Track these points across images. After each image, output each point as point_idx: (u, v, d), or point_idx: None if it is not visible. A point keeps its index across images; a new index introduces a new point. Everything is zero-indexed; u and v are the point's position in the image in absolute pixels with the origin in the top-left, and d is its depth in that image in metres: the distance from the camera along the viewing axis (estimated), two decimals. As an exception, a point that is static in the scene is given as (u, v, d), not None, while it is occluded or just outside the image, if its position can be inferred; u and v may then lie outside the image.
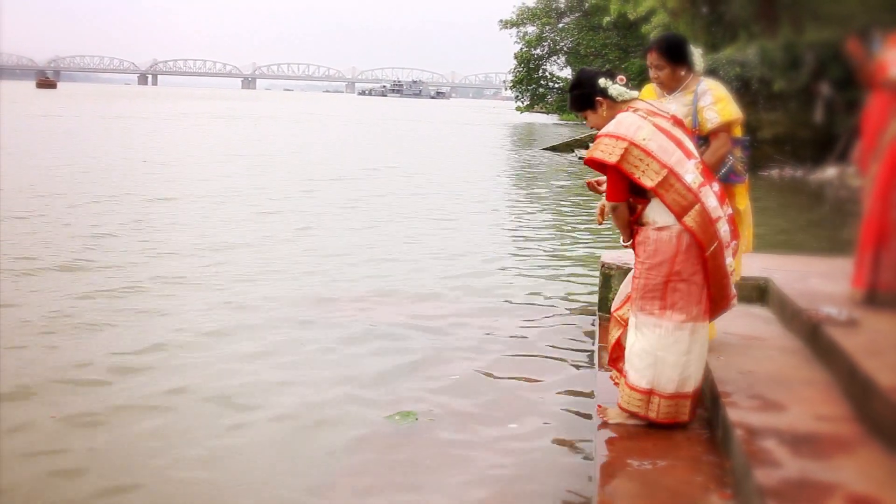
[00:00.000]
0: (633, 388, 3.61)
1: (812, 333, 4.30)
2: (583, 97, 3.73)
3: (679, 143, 3.55)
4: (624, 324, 3.76)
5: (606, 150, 3.49)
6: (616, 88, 3.64)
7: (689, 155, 3.55)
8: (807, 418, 3.41)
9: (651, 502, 3.02)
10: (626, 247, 3.73)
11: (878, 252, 4.56)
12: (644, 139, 3.46)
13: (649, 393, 3.58)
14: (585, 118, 3.78)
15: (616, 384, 3.88)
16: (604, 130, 3.57)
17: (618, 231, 3.75)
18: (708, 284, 3.55)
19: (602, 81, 3.66)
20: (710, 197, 3.52)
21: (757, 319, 5.05)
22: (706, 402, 3.99)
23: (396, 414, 4.32)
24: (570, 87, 3.84)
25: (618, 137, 3.49)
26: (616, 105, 3.63)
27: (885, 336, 4.00)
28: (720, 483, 3.15)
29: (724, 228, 3.56)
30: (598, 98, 3.66)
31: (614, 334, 3.81)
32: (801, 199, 15.82)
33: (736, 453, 3.20)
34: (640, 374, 3.58)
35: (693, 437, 3.61)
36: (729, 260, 3.61)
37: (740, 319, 4.98)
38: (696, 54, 4.28)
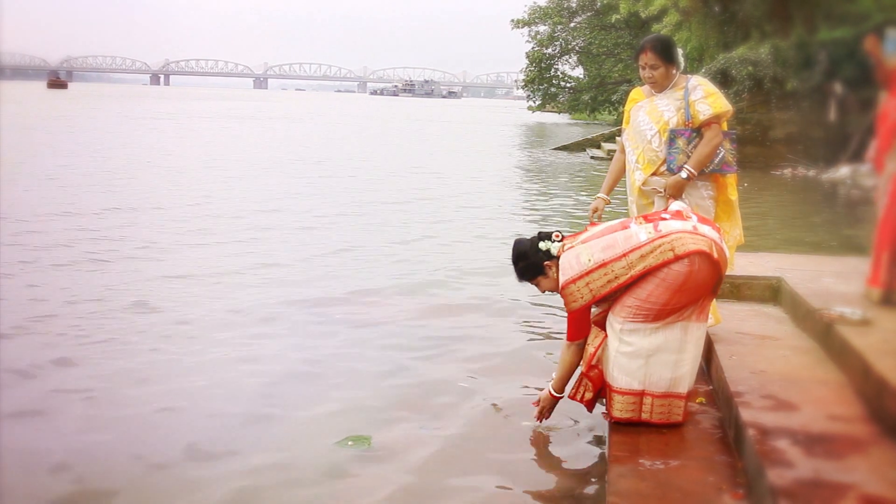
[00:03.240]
0: (624, 392, 3.62)
1: (825, 333, 4.28)
2: (530, 267, 3.85)
3: (612, 229, 3.69)
4: (602, 328, 3.76)
5: (578, 296, 3.63)
6: (555, 246, 3.79)
7: (625, 226, 3.69)
8: (820, 418, 3.40)
9: (663, 502, 3.01)
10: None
11: (893, 251, 4.53)
12: (589, 260, 3.59)
13: (641, 394, 3.60)
14: (537, 284, 3.88)
15: (572, 398, 3.89)
16: (562, 283, 3.67)
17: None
18: (715, 286, 3.59)
19: (543, 245, 3.81)
20: (671, 224, 3.62)
21: (770, 319, 5.03)
22: (718, 402, 3.98)
23: (349, 439, 4.06)
24: (515, 261, 3.92)
25: (574, 280, 3.61)
26: (558, 261, 3.75)
27: (899, 336, 3.97)
28: (732, 483, 3.14)
29: (705, 229, 3.63)
30: (546, 263, 3.79)
31: (594, 343, 3.76)
32: (814, 198, 15.73)
33: (748, 453, 3.19)
34: (632, 377, 3.60)
35: (705, 436, 3.60)
36: (736, 234, 3.65)
37: (753, 319, 4.97)
38: (681, 54, 4.55)
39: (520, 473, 3.74)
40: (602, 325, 3.76)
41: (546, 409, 4.07)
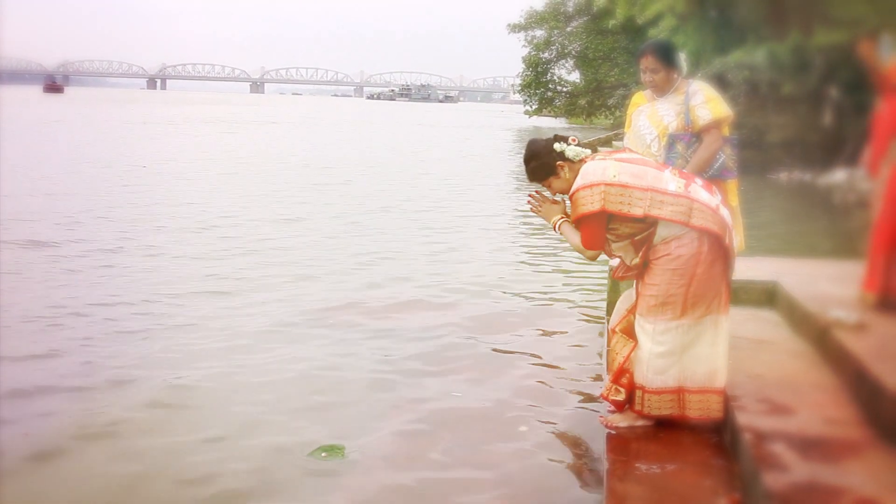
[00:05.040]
0: (660, 392, 3.60)
1: (821, 337, 4.29)
2: (542, 166, 3.79)
3: (647, 164, 3.67)
4: (630, 336, 3.74)
5: (587, 202, 3.57)
6: (573, 150, 3.74)
7: (660, 168, 3.67)
8: (815, 422, 3.40)
9: (659, 506, 3.01)
10: (631, 275, 3.73)
11: (889, 255, 4.55)
12: (614, 176, 3.55)
13: (679, 391, 3.58)
14: (549, 186, 3.82)
15: (609, 400, 3.83)
16: (575, 186, 3.63)
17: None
18: (725, 273, 3.57)
19: (558, 146, 3.75)
20: (700, 191, 3.60)
21: (766, 323, 5.03)
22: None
23: (322, 449, 3.95)
24: (527, 160, 3.85)
25: (591, 185, 3.56)
26: (575, 166, 3.71)
27: (894, 340, 3.98)
28: (729, 487, 3.14)
29: (725, 213, 3.63)
30: (559, 163, 3.73)
31: (623, 352, 3.74)
32: (810, 202, 15.75)
33: (744, 457, 3.19)
34: (667, 375, 3.58)
35: (701, 440, 3.61)
36: (736, 241, 3.66)
37: (749, 323, 4.97)
38: (682, 59, 4.54)
39: (516, 479, 3.74)
40: (629, 332, 3.74)
41: (543, 210, 3.88)
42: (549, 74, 53.41)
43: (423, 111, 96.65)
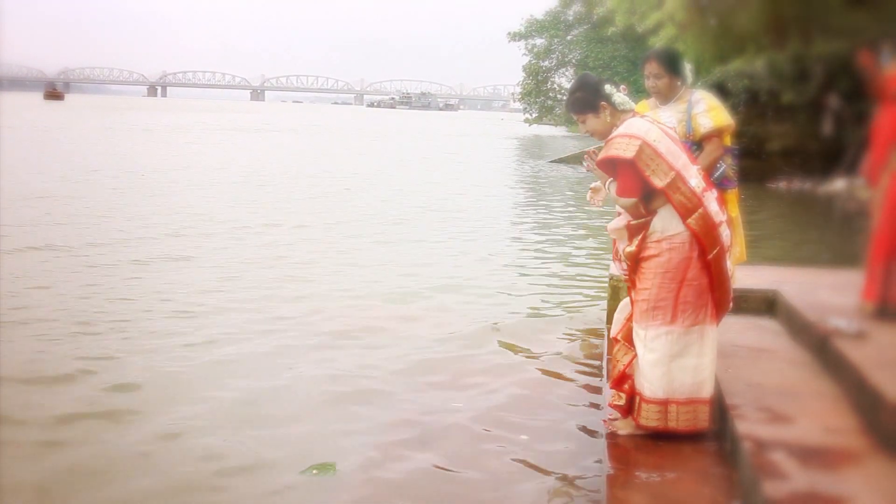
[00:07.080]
0: (649, 402, 3.60)
1: (821, 346, 4.29)
2: (585, 99, 3.74)
3: (683, 149, 3.67)
4: (631, 345, 3.74)
5: (621, 147, 3.55)
6: (620, 96, 3.71)
7: (692, 160, 3.68)
8: (815, 431, 3.41)
9: (659, 514, 3.01)
10: (624, 262, 3.73)
11: (888, 264, 4.55)
12: (654, 140, 3.54)
13: (665, 402, 3.58)
14: (583, 122, 3.77)
15: (612, 406, 3.83)
16: (616, 132, 3.62)
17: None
18: (712, 288, 3.58)
19: (608, 88, 3.72)
20: (712, 202, 3.60)
21: (765, 332, 5.04)
22: (714, 415, 3.98)
23: (313, 467, 3.85)
24: (573, 90, 3.82)
25: (631, 136, 3.55)
26: (617, 113, 3.68)
27: (894, 349, 3.98)
28: (728, 495, 3.14)
29: (725, 233, 3.63)
30: (602, 103, 3.69)
31: (624, 360, 3.74)
32: (810, 210, 15.78)
33: (744, 466, 3.19)
34: (657, 386, 3.58)
35: (701, 449, 3.60)
36: (728, 263, 3.65)
37: (749, 332, 4.97)
38: (688, 68, 4.53)
39: (516, 488, 3.74)
40: (630, 340, 3.74)
41: (598, 195, 3.98)
42: (550, 83, 53.61)
43: (425, 120, 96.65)
